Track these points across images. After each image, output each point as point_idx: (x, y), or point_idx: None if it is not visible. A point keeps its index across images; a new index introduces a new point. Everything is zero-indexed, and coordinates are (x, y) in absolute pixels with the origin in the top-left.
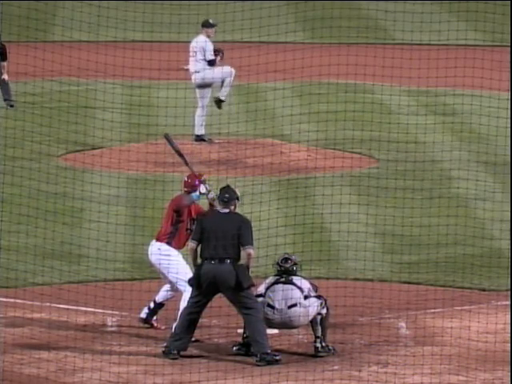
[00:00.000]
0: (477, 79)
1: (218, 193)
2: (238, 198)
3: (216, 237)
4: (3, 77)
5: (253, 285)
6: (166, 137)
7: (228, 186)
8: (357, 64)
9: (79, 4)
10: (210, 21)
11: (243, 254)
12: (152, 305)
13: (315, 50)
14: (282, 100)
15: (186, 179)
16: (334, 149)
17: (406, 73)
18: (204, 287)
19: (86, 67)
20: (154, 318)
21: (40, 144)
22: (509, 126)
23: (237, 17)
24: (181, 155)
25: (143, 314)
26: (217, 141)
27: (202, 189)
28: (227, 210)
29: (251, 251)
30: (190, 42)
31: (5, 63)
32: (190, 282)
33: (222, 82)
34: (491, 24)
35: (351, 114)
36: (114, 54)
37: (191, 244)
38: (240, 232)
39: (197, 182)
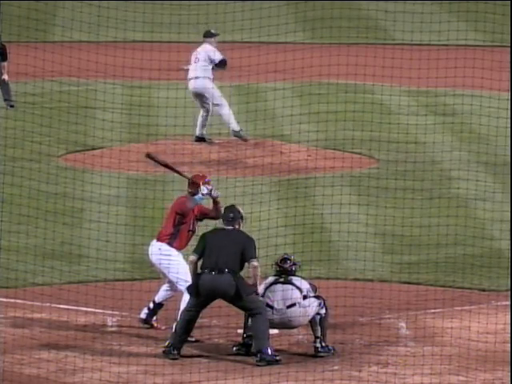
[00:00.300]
0: (477, 79)
1: (223, 211)
2: (242, 217)
3: (218, 251)
4: (3, 77)
5: (254, 292)
6: (149, 156)
7: (233, 206)
8: (357, 64)
9: (79, 4)
10: (212, 31)
11: (247, 267)
12: (151, 305)
13: (315, 50)
14: (282, 100)
15: (189, 180)
16: (334, 149)
17: (406, 73)
18: (203, 296)
19: (86, 67)
20: (154, 318)
21: (40, 144)
22: (509, 125)
23: (237, 17)
24: (169, 167)
25: (143, 315)
26: (217, 141)
27: (203, 190)
28: (231, 227)
29: (256, 264)
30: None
31: (5, 63)
32: (189, 290)
33: (218, 106)
34: (491, 24)
35: (351, 115)
36: (114, 54)
37: (192, 257)
38: (244, 248)
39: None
